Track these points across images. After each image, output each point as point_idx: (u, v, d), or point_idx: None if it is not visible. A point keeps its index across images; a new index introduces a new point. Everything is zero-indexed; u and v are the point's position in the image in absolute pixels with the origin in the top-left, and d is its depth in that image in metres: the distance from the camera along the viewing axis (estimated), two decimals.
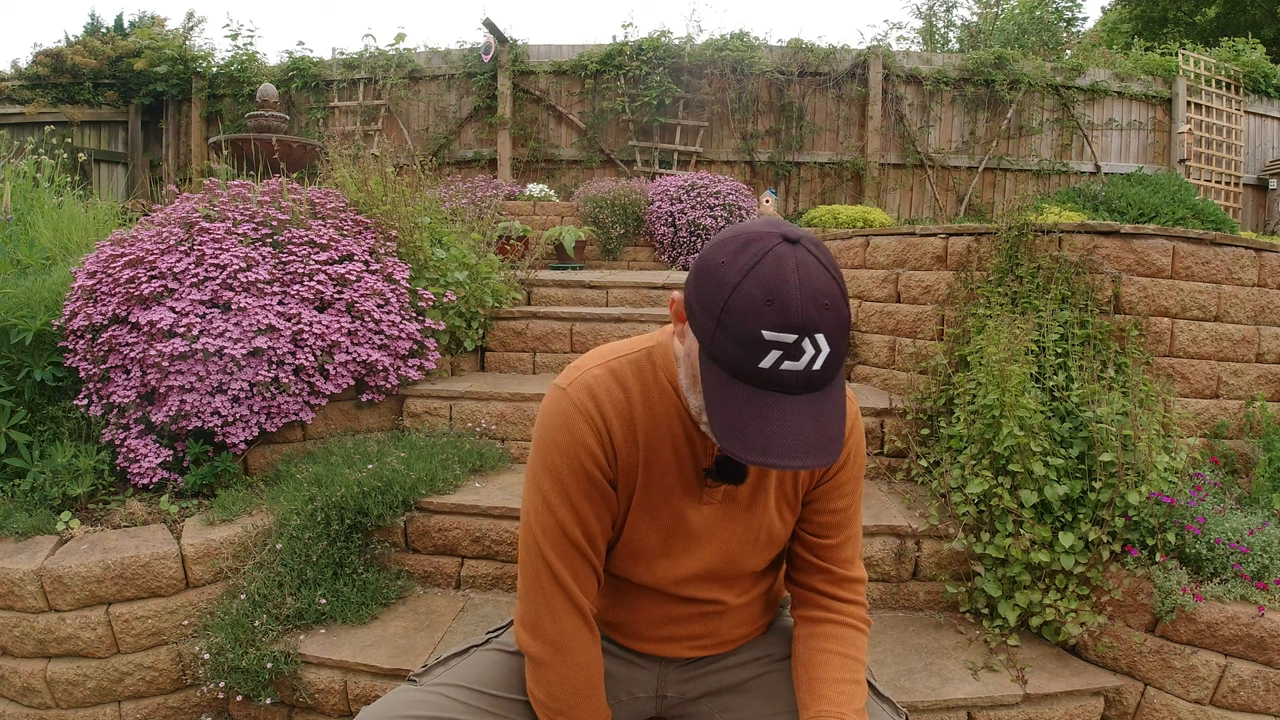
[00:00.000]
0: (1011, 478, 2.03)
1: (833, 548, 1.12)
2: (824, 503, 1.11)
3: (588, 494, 1.00)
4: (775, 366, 0.79)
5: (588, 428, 0.99)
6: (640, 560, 1.10)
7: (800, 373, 0.79)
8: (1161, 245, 2.41)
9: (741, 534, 1.09)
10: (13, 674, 1.88)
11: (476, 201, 5.44)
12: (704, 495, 1.06)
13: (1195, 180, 7.25)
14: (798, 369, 0.79)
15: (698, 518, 1.07)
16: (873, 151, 7.34)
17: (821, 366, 0.80)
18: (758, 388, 0.80)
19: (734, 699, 1.15)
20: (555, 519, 1.00)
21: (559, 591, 1.01)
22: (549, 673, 1.02)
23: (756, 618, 1.21)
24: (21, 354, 2.38)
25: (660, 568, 1.09)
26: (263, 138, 4.19)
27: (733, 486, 1.06)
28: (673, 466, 1.04)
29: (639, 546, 1.08)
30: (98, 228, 3.29)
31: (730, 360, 0.80)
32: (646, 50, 7.27)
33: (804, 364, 0.79)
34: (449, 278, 3.07)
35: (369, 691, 1.84)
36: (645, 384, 1.02)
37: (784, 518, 1.11)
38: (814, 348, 0.79)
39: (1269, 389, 2.51)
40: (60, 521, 2.05)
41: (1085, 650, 1.95)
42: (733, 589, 1.14)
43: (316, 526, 2.11)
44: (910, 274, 2.94)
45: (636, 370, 1.03)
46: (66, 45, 8.30)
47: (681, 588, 1.11)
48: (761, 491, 1.08)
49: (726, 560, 1.10)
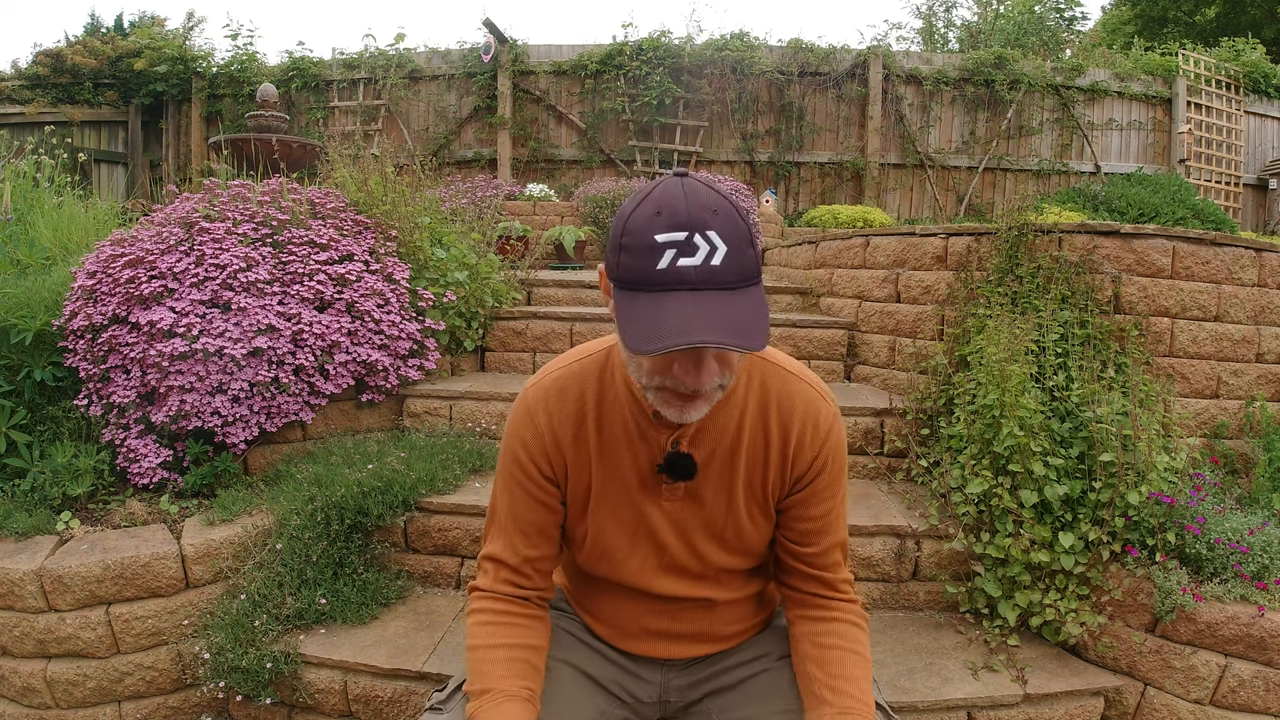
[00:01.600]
0: (1011, 478, 2.03)
1: (818, 554, 1.11)
2: (801, 510, 1.10)
3: (524, 486, 1.09)
4: (672, 264, 0.82)
5: (529, 430, 1.08)
6: (612, 560, 1.12)
7: (698, 267, 0.82)
8: (1161, 245, 2.41)
9: (706, 533, 1.10)
10: (13, 674, 1.88)
11: (476, 201, 5.44)
12: (664, 493, 1.08)
13: (1195, 180, 7.25)
14: (695, 264, 0.82)
15: (660, 516, 1.09)
16: (873, 151, 7.35)
17: (721, 263, 0.82)
18: (660, 291, 0.82)
19: (733, 698, 1.15)
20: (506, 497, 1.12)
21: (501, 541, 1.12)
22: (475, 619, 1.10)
23: (751, 614, 1.22)
24: (21, 354, 2.38)
25: (631, 566, 1.11)
26: (263, 138, 4.19)
27: (695, 486, 1.07)
28: (629, 464, 1.07)
29: (607, 546, 1.11)
30: (98, 228, 3.29)
31: (632, 275, 0.84)
32: (646, 50, 7.27)
33: (700, 259, 0.82)
34: (449, 278, 3.07)
35: (369, 691, 1.84)
36: (602, 384, 1.08)
37: (756, 521, 1.10)
38: (708, 244, 0.82)
39: (1269, 389, 2.51)
40: (60, 521, 2.05)
41: (1085, 650, 1.95)
42: (718, 586, 1.15)
43: (316, 526, 2.11)
44: (910, 274, 2.94)
45: (596, 370, 1.09)
46: (66, 45, 8.31)
47: (658, 585, 1.12)
48: (725, 492, 1.08)
49: (696, 558, 1.11)
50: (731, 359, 0.91)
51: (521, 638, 1.08)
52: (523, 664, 1.05)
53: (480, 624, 1.09)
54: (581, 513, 1.11)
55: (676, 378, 0.90)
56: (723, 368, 0.91)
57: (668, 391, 0.93)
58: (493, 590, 1.11)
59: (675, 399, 0.93)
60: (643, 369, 0.92)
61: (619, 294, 0.87)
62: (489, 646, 1.06)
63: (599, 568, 1.14)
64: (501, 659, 1.04)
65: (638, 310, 0.83)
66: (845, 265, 3.45)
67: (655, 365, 0.90)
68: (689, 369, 0.88)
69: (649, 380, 0.93)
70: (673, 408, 0.94)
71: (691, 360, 0.88)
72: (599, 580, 1.17)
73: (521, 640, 1.08)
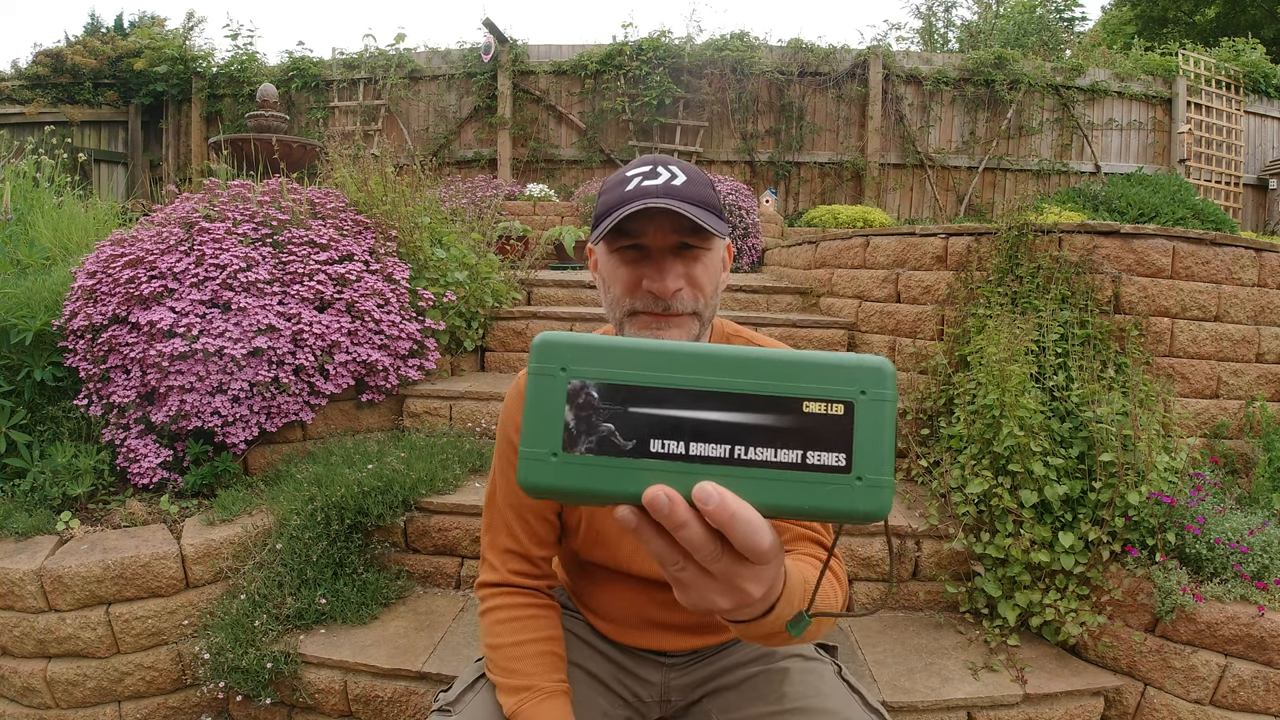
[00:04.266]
0: (1011, 478, 2.03)
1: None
2: None
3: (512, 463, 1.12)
4: (639, 186, 0.93)
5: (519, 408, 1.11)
6: (607, 543, 1.14)
7: (660, 185, 0.92)
8: (1161, 245, 2.41)
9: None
10: (13, 674, 1.88)
11: (476, 201, 5.45)
12: None
13: (1195, 180, 7.25)
14: (657, 184, 0.93)
15: None
16: (873, 151, 7.34)
17: (682, 185, 0.93)
18: (625, 205, 0.92)
19: (733, 698, 1.15)
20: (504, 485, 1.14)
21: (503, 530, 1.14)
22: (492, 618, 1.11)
23: None
24: (21, 354, 2.38)
25: (626, 548, 1.13)
26: (263, 138, 4.19)
27: None
28: None
29: (601, 528, 1.13)
30: (98, 228, 3.29)
31: (605, 207, 0.95)
32: (646, 50, 7.27)
33: (663, 180, 0.93)
34: (449, 278, 3.07)
35: (369, 691, 1.84)
36: None
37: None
38: (669, 172, 0.94)
39: (1269, 389, 2.51)
40: (60, 521, 2.05)
41: (1085, 650, 1.95)
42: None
43: (316, 526, 2.11)
44: (910, 274, 2.94)
45: None
46: (66, 45, 8.31)
47: (653, 567, 1.13)
48: None
49: None
50: (698, 278, 0.97)
51: (545, 630, 1.11)
52: (553, 657, 1.08)
53: (501, 621, 1.10)
54: None
55: (646, 291, 0.96)
56: (691, 287, 0.97)
57: (641, 316, 0.97)
58: (503, 584, 1.13)
59: (650, 321, 0.97)
60: (616, 294, 0.98)
61: (595, 232, 0.96)
62: (516, 644, 1.07)
63: (595, 553, 1.16)
64: (532, 654, 1.06)
65: (607, 221, 0.93)
66: (845, 265, 3.45)
67: (627, 282, 0.97)
68: (654, 275, 0.95)
69: (622, 305, 0.98)
70: (648, 332, 0.98)
71: (658, 265, 0.95)
72: (597, 570, 1.19)
73: (546, 633, 1.10)
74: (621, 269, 0.97)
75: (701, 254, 0.96)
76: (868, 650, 1.95)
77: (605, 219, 0.94)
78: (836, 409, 0.44)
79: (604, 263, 0.99)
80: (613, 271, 0.98)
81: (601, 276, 1.01)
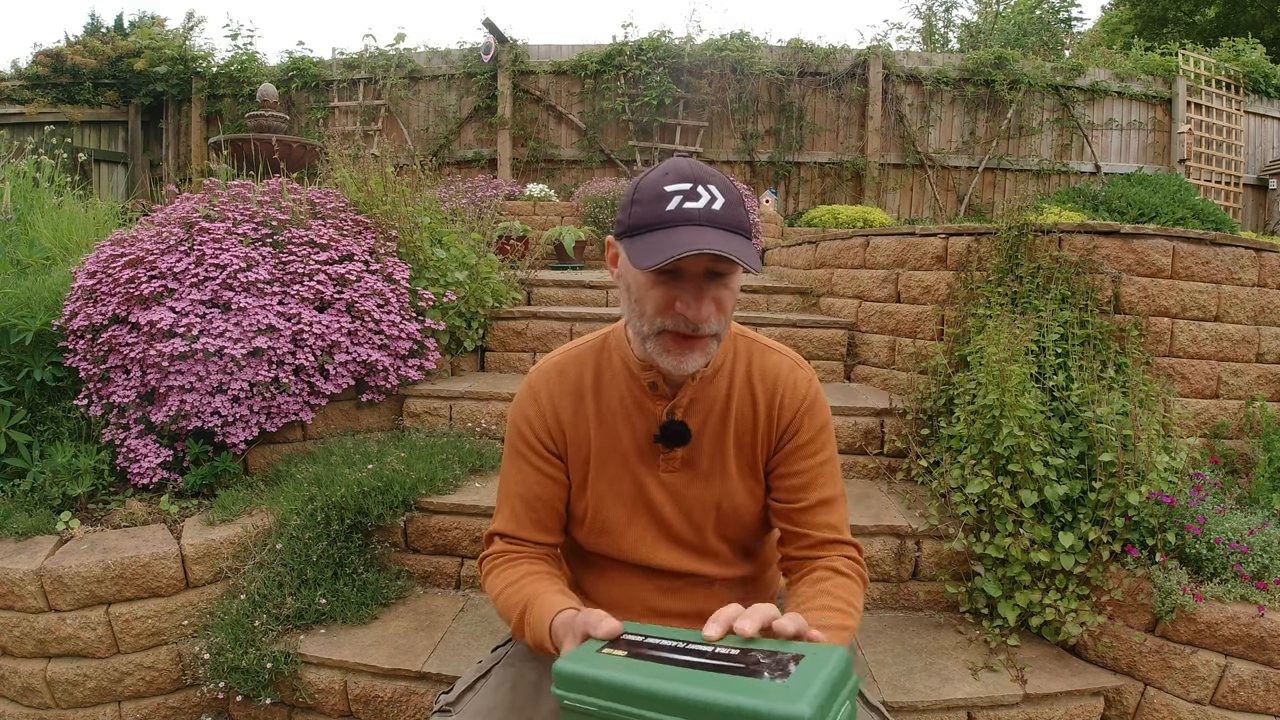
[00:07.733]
0: (1011, 478, 2.03)
1: (806, 510, 1.12)
2: (788, 465, 1.15)
3: (529, 460, 1.17)
4: (680, 206, 0.94)
5: (532, 407, 1.17)
6: (612, 533, 1.16)
7: (701, 210, 0.94)
8: (1161, 245, 2.41)
9: (702, 500, 1.15)
10: (13, 674, 1.88)
11: (476, 201, 5.45)
12: (662, 464, 1.15)
13: (1195, 180, 7.25)
14: (698, 207, 0.94)
15: (657, 486, 1.15)
16: (873, 151, 7.34)
17: (721, 209, 0.95)
18: (670, 226, 0.94)
19: None
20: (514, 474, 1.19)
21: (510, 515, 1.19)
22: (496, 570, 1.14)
23: (750, 595, 1.22)
24: (21, 354, 2.38)
25: (630, 537, 1.16)
26: (263, 138, 4.18)
27: (690, 455, 1.14)
28: (627, 436, 1.15)
29: (606, 519, 1.16)
30: (98, 228, 3.29)
31: (643, 219, 0.96)
32: (646, 50, 7.27)
33: (703, 204, 0.94)
34: (449, 278, 3.06)
35: (369, 691, 1.84)
36: (599, 363, 1.18)
37: (749, 486, 1.16)
38: (709, 194, 0.95)
39: (1269, 389, 2.51)
40: (60, 521, 2.05)
41: (1085, 650, 1.95)
42: (715, 561, 1.18)
43: (316, 526, 2.11)
44: (910, 274, 2.94)
45: (593, 352, 1.19)
46: (66, 45, 8.31)
47: (655, 557, 1.16)
48: (719, 459, 1.15)
49: (693, 529, 1.16)
50: (725, 302, 1.01)
51: (545, 568, 1.14)
52: (552, 578, 1.11)
53: (498, 571, 1.14)
54: (582, 486, 1.17)
55: (679, 314, 0.98)
56: (719, 312, 1.00)
57: (668, 336, 1.00)
58: (503, 551, 1.17)
59: (675, 343, 1.00)
60: (647, 312, 1.00)
61: (629, 241, 0.97)
62: (513, 583, 1.10)
63: (599, 543, 1.18)
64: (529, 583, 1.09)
65: (648, 240, 0.94)
66: (845, 265, 3.45)
67: (660, 303, 0.99)
68: (690, 302, 0.97)
69: (653, 324, 1.00)
70: (672, 355, 1.01)
71: (693, 292, 0.97)
72: (600, 560, 1.20)
73: (546, 569, 1.14)
74: (656, 289, 0.99)
75: (729, 279, 1.00)
76: (868, 650, 1.95)
77: (642, 233, 0.96)
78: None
79: (634, 275, 1.01)
80: (645, 289, 1.00)
81: (627, 284, 1.03)
